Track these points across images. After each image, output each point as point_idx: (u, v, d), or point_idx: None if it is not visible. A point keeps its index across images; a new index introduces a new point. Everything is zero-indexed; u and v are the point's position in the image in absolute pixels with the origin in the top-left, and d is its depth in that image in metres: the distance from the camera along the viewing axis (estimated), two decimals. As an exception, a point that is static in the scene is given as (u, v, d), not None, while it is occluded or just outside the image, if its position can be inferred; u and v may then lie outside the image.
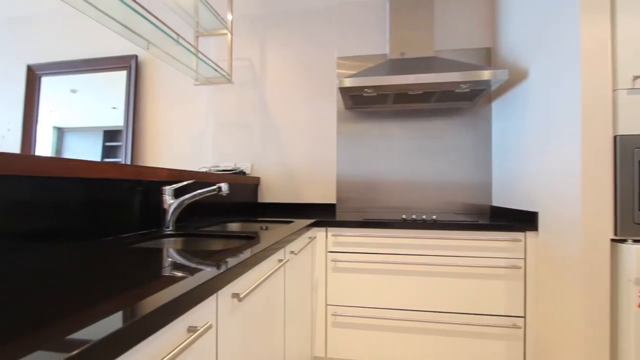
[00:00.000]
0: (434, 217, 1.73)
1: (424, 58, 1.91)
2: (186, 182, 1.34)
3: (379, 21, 2.20)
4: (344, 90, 1.82)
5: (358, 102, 2.07)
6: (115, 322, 0.40)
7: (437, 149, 2.11)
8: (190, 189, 1.38)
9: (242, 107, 2.35)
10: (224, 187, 1.33)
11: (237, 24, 2.37)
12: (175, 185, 1.30)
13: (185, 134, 2.42)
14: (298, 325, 1.38)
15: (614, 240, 1.17)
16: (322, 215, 1.95)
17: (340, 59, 2.23)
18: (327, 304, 1.67)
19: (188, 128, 2.42)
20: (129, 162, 2.42)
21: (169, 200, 1.27)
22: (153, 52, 1.65)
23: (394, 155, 2.15)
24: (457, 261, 1.56)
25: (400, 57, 1.96)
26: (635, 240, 1.15)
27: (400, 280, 1.61)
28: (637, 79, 1.15)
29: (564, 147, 1.30)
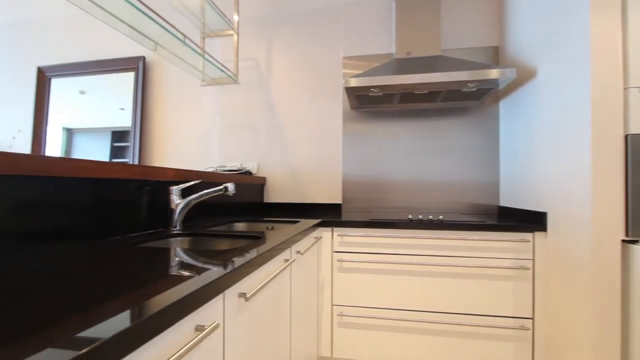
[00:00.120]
0: (441, 217, 1.72)
1: (431, 57, 1.89)
2: (193, 182, 1.35)
3: (385, 20, 2.19)
4: (349, 90, 1.81)
5: (364, 102, 2.06)
6: (124, 321, 0.40)
7: (443, 148, 2.10)
8: (197, 189, 1.39)
9: (248, 108, 2.36)
10: (231, 187, 1.34)
11: (243, 24, 2.38)
12: (183, 185, 1.31)
13: (192, 134, 2.44)
14: (304, 325, 1.38)
15: (625, 241, 1.15)
16: (327, 215, 1.95)
17: (346, 58, 2.23)
18: (333, 304, 1.67)
19: (195, 128, 2.44)
20: (136, 162, 2.45)
21: (176, 200, 1.28)
22: (160, 53, 1.67)
23: (400, 155, 2.14)
24: (464, 262, 1.55)
25: (406, 56, 1.95)
26: (647, 241, 1.13)
27: (406, 280, 1.60)
28: (649, 77, 1.13)
29: (573, 147, 1.28)
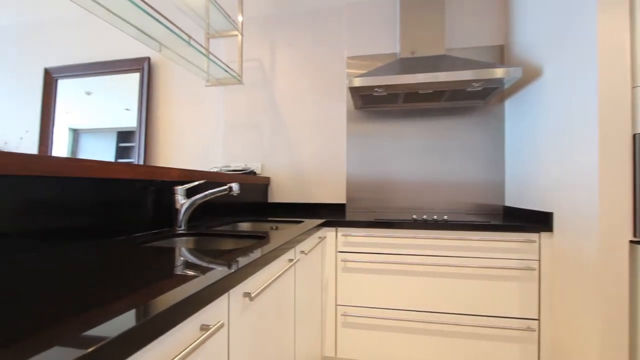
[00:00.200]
0: (445, 217, 1.71)
1: (435, 57, 1.89)
2: (198, 182, 1.36)
3: (389, 20, 2.18)
4: (353, 90, 1.81)
5: (368, 102, 2.06)
6: (130, 320, 0.40)
7: (448, 148, 2.08)
8: (201, 189, 1.40)
9: (253, 108, 2.37)
10: (235, 187, 1.34)
11: (247, 25, 2.39)
12: (187, 185, 1.32)
13: (197, 135, 2.45)
14: (308, 325, 1.38)
15: (633, 242, 1.14)
16: (332, 215, 1.95)
17: (350, 58, 2.22)
18: (337, 304, 1.67)
19: (199, 128, 2.45)
20: (141, 162, 2.47)
21: (181, 200, 1.28)
22: (165, 54, 1.68)
23: (404, 155, 2.14)
24: (469, 262, 1.54)
25: (410, 56, 1.94)
26: (655, 242, 1.11)
27: (411, 281, 1.60)
28: (657, 76, 1.12)
29: (580, 146, 1.27)
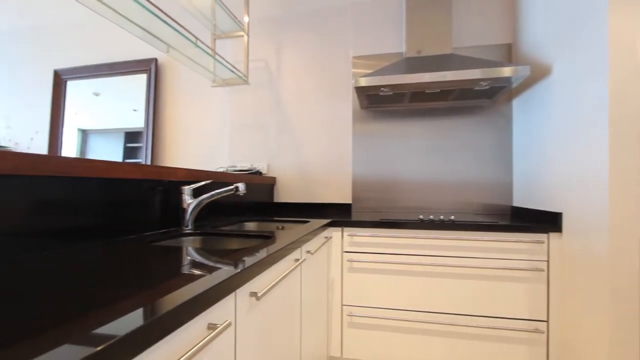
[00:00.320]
0: (452, 217, 1.70)
1: (442, 56, 1.87)
2: (204, 182, 1.36)
3: (395, 19, 2.17)
4: (359, 90, 1.81)
5: (374, 102, 2.05)
6: (139, 319, 0.41)
7: (455, 148, 2.07)
8: (208, 189, 1.41)
9: (258, 108, 2.38)
10: (241, 187, 1.35)
11: (253, 25, 2.40)
12: (194, 185, 1.32)
13: (203, 135, 2.47)
14: (314, 325, 1.38)
15: (644, 243, 1.12)
16: (338, 215, 1.95)
17: (355, 58, 2.22)
18: (342, 304, 1.67)
19: (205, 129, 2.46)
20: (149, 162, 2.49)
21: (188, 200, 1.29)
22: (172, 55, 1.69)
23: (410, 155, 2.13)
24: (476, 263, 1.52)
25: (417, 55, 1.93)
26: (668, 243, 1.09)
27: (417, 281, 1.59)
28: (670, 73, 1.10)
29: (590, 146, 1.25)
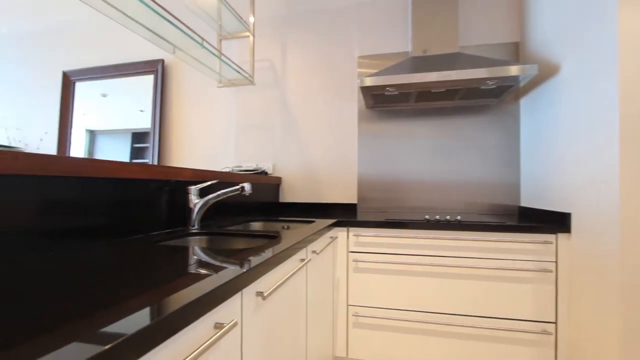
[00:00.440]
0: (459, 217, 1.69)
1: (448, 54, 1.86)
2: (210, 182, 1.37)
3: (400, 19, 2.16)
4: (365, 90, 1.80)
5: (379, 101, 2.04)
6: (147, 318, 0.41)
7: (461, 147, 2.05)
8: (214, 189, 1.41)
9: (264, 108, 2.38)
10: (247, 187, 1.35)
11: (258, 25, 2.40)
12: (200, 185, 1.33)
13: (209, 135, 2.48)
14: (320, 325, 1.38)
15: (656, 244, 1.10)
16: (343, 215, 1.95)
17: (361, 57, 2.21)
18: (348, 304, 1.67)
19: (211, 129, 2.48)
20: (155, 162, 2.51)
21: (195, 200, 1.30)
22: (179, 56, 1.71)
23: (416, 154, 2.12)
24: (482, 263, 1.51)
25: (422, 54, 1.92)
26: (680, 244, 1.07)
27: (423, 281, 1.58)
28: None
29: (600, 145, 1.23)
